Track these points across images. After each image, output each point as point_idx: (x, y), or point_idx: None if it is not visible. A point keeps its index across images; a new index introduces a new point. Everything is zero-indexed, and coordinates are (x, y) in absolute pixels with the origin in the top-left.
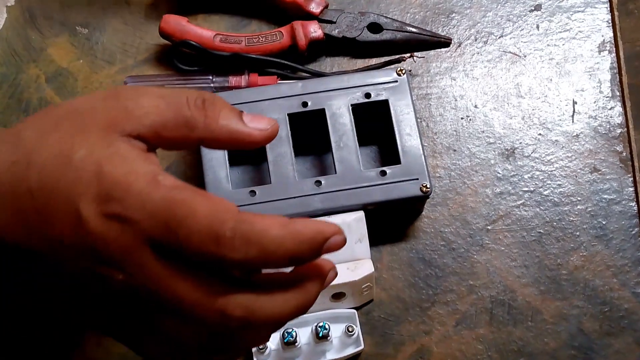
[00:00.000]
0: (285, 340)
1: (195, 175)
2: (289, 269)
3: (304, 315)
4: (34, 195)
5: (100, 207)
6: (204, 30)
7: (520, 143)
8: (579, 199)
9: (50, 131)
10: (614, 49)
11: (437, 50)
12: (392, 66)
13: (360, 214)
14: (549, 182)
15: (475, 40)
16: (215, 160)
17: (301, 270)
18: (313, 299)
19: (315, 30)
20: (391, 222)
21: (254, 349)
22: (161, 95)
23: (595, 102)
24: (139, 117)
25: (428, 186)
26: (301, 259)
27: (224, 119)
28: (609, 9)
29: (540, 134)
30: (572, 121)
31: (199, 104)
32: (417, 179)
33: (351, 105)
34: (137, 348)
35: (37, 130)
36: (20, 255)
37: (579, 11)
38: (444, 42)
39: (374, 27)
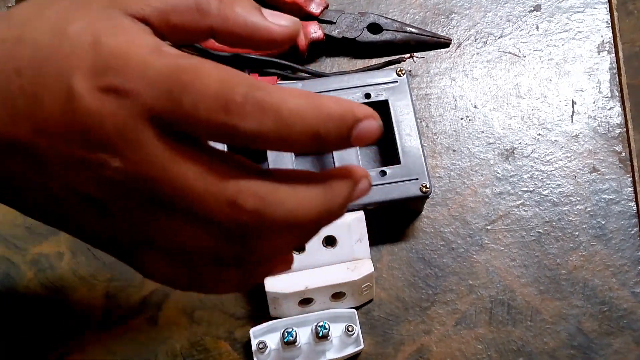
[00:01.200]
0: (285, 340)
1: None
2: None
3: (304, 315)
4: (22, 74)
5: (96, 80)
6: None
7: (520, 143)
8: (578, 198)
9: (45, 8)
10: (614, 49)
11: (436, 50)
12: (392, 66)
13: (360, 214)
14: (548, 182)
15: (475, 41)
16: None
17: (328, 171)
18: (341, 202)
19: (315, 30)
20: (391, 222)
21: (253, 348)
22: None
23: (594, 102)
24: None
25: (428, 186)
26: (326, 139)
27: (242, 8)
28: (608, 9)
29: (539, 134)
30: (572, 121)
31: None
32: (417, 179)
33: None
34: (138, 264)
35: (30, 7)
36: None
37: (578, 12)
38: (444, 43)
39: (374, 28)
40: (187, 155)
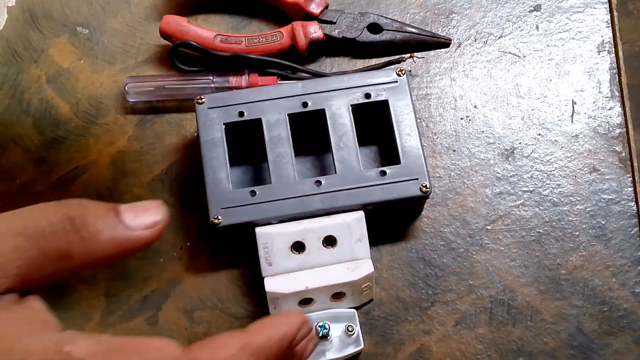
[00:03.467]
0: None
1: (195, 176)
2: None
3: (305, 315)
4: None
5: None
6: (204, 31)
7: (520, 143)
8: (578, 199)
9: None
10: (613, 49)
11: (436, 50)
12: (392, 66)
13: (360, 213)
14: (548, 182)
15: (475, 41)
16: (216, 160)
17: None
18: None
19: (315, 30)
20: (391, 222)
21: None
22: (16, 229)
23: (594, 102)
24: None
25: (428, 186)
26: None
27: (105, 233)
28: (608, 9)
29: (539, 134)
30: (572, 121)
31: (67, 226)
32: (417, 179)
33: (351, 105)
34: None
35: None
36: None
37: (578, 12)
38: (444, 43)
39: (374, 28)
40: None
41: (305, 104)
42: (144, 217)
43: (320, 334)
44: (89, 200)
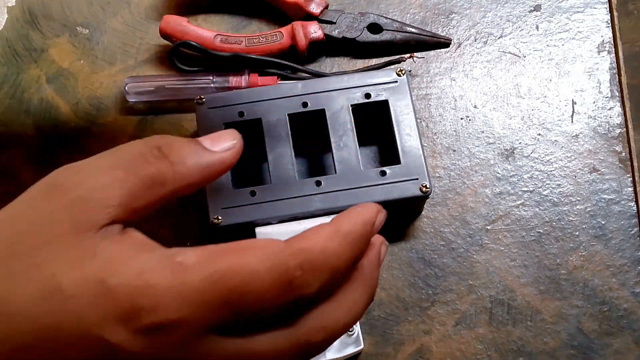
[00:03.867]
0: None
1: None
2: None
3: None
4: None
5: (131, 325)
6: (204, 31)
7: (520, 143)
8: (578, 199)
9: (16, 269)
10: (613, 49)
11: (436, 50)
12: (392, 66)
13: None
14: (548, 182)
15: (475, 41)
16: None
17: (360, 263)
18: (376, 279)
19: (315, 30)
20: (391, 222)
21: None
22: (111, 163)
23: (594, 102)
24: (103, 200)
25: (428, 186)
26: (360, 255)
27: (191, 157)
28: (608, 9)
29: (539, 134)
30: (572, 121)
31: (156, 154)
32: (417, 179)
33: (351, 105)
34: None
35: None
36: None
37: (578, 12)
38: (444, 43)
39: (374, 28)
40: (256, 337)
41: (305, 104)
42: (221, 142)
43: None
44: (170, 135)
